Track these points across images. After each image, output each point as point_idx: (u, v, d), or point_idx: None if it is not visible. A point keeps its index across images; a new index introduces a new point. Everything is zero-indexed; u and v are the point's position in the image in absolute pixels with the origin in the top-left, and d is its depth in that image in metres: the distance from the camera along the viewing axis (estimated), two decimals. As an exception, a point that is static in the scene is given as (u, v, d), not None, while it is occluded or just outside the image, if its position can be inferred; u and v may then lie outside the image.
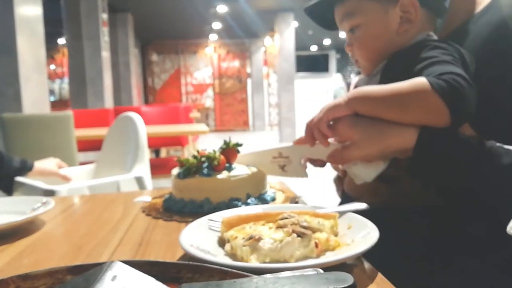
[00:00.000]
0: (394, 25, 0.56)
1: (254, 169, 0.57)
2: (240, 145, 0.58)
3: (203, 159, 0.55)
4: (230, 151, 0.57)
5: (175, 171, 0.58)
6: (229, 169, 0.56)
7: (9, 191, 0.99)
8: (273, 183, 0.67)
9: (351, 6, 0.59)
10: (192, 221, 0.43)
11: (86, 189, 0.88)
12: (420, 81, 0.45)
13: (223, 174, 0.54)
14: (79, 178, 1.08)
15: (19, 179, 0.98)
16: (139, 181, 0.97)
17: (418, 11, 0.55)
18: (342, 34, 0.63)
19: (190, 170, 0.55)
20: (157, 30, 8.24)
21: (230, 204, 0.54)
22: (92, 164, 1.22)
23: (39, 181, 0.94)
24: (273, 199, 0.57)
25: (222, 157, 0.56)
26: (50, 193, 0.85)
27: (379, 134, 0.46)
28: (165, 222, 0.51)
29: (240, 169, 0.56)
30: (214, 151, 0.56)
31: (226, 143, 0.57)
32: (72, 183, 1.01)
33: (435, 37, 0.56)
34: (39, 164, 1.01)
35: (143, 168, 1.04)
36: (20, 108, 2.35)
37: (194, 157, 0.56)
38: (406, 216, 0.50)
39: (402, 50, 0.54)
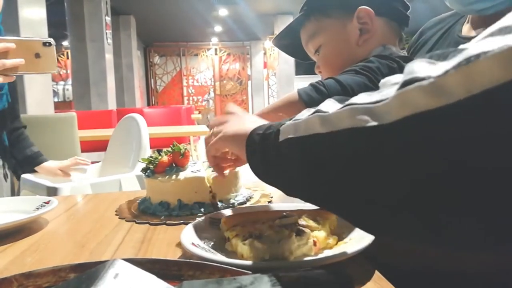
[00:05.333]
0: (353, 38, 0.57)
1: (198, 175, 0.54)
2: (185, 149, 0.57)
3: (151, 160, 0.57)
4: (175, 155, 0.56)
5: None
6: (170, 171, 0.55)
7: (16, 173, 1.02)
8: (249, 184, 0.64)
9: (312, 27, 0.60)
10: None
11: (89, 187, 0.89)
12: (293, 92, 0.49)
13: (159, 177, 0.55)
14: (85, 177, 1.10)
15: (25, 176, 0.99)
16: (141, 179, 0.98)
17: (375, 20, 0.56)
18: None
19: (145, 170, 0.58)
20: (159, 33, 8.28)
21: (156, 208, 0.53)
22: (98, 163, 1.24)
23: (43, 179, 0.96)
24: (207, 211, 0.52)
25: (163, 159, 0.56)
26: (53, 190, 0.86)
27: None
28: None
29: (185, 174, 0.54)
30: (158, 154, 0.57)
31: (172, 148, 0.57)
32: (75, 181, 1.02)
33: (392, 49, 0.56)
34: (48, 164, 1.03)
35: (145, 167, 1.05)
36: (25, 109, 2.37)
37: (148, 157, 0.58)
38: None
39: None
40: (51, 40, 0.66)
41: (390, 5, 0.58)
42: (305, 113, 0.28)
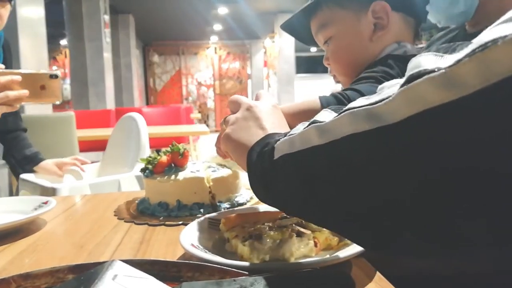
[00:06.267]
0: (367, 32, 0.55)
1: (197, 175, 0.53)
2: (184, 149, 0.57)
3: (149, 160, 0.57)
4: (174, 155, 0.56)
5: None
6: (169, 172, 0.55)
7: (15, 172, 1.03)
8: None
9: (324, 17, 0.58)
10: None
11: (87, 187, 0.89)
12: (313, 99, 0.48)
13: (157, 177, 0.55)
14: (84, 177, 1.10)
15: (23, 176, 0.99)
16: (140, 179, 0.98)
17: (391, 16, 0.54)
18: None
19: (144, 170, 0.58)
20: (158, 32, 8.28)
21: (155, 209, 0.53)
22: (96, 163, 1.23)
23: (42, 179, 0.96)
24: (206, 212, 0.51)
25: (162, 159, 0.55)
26: (51, 190, 0.86)
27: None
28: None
29: (184, 174, 0.54)
30: (157, 153, 0.56)
31: (171, 148, 0.57)
32: (74, 182, 1.02)
33: (407, 46, 0.54)
34: (46, 162, 1.03)
35: (144, 167, 1.04)
36: (23, 109, 2.36)
37: (147, 157, 0.58)
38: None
39: (369, 65, 0.53)
40: (57, 73, 0.69)
41: None
42: (300, 127, 0.26)
